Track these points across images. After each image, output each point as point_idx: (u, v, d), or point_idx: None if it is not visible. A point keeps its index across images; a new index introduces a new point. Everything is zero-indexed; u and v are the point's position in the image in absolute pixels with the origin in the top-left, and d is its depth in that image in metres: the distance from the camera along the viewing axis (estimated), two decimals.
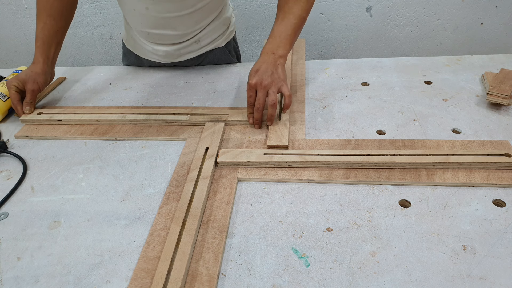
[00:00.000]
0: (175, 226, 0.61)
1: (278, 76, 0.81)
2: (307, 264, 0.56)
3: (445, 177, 0.67)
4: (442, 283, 0.52)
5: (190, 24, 0.99)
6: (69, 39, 1.94)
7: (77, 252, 0.61)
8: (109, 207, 0.69)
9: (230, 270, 0.56)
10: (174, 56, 1.06)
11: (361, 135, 0.80)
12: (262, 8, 1.77)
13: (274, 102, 0.80)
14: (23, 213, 0.69)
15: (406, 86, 0.95)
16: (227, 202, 0.66)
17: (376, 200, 0.65)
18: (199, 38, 1.03)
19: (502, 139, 0.75)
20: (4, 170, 0.79)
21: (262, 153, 0.74)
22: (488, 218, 0.61)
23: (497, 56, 1.04)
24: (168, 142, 0.83)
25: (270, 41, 0.85)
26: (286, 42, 0.85)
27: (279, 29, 0.85)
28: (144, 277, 0.56)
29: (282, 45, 0.84)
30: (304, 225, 0.62)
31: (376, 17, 1.78)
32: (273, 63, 0.82)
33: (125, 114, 0.89)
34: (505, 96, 0.83)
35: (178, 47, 1.04)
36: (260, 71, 0.81)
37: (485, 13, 1.76)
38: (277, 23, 0.86)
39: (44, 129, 0.89)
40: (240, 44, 1.91)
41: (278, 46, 0.84)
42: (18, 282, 0.57)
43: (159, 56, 1.06)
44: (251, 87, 0.81)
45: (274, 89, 0.80)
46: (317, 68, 1.06)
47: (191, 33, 1.01)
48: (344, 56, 1.91)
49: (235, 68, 1.10)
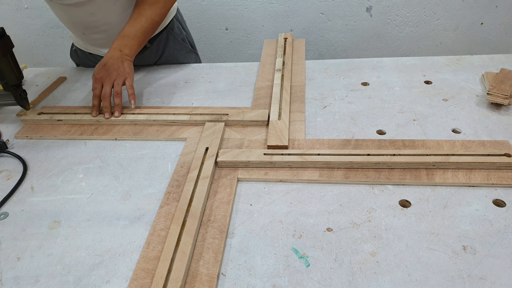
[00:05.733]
0: (175, 226, 0.61)
1: (123, 70, 0.89)
2: (307, 264, 0.56)
3: (445, 177, 0.67)
4: (442, 283, 0.52)
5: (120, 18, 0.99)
6: (69, 39, 1.94)
7: (77, 252, 0.61)
8: (109, 207, 0.69)
9: (230, 270, 0.56)
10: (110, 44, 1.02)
11: (361, 135, 0.80)
12: (262, 8, 1.77)
13: (118, 92, 0.88)
14: (23, 213, 0.69)
15: (406, 86, 0.95)
16: (227, 202, 0.66)
17: (376, 200, 0.65)
18: None
19: (502, 139, 0.75)
20: (4, 170, 0.79)
21: (262, 153, 0.74)
22: (488, 218, 0.61)
23: (497, 56, 1.04)
24: (168, 142, 0.83)
25: (119, 38, 0.92)
26: (133, 42, 0.92)
27: (129, 30, 0.92)
28: (144, 277, 0.56)
29: (129, 45, 0.91)
30: (304, 225, 0.62)
31: (376, 17, 1.78)
32: (119, 58, 0.89)
33: (125, 114, 0.89)
34: (505, 96, 0.83)
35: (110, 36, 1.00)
36: (106, 65, 0.88)
37: (485, 13, 1.76)
38: (129, 23, 0.92)
39: (44, 129, 0.89)
40: (240, 44, 1.92)
41: (125, 45, 0.91)
42: (18, 282, 0.57)
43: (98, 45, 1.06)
44: (96, 80, 0.88)
45: (119, 81, 0.88)
46: (317, 68, 1.06)
47: None
48: (344, 56, 1.91)
49: (235, 68, 1.10)
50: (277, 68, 1.01)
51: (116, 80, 0.87)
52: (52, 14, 1.82)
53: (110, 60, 0.89)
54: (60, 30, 1.91)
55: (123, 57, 0.90)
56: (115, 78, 0.88)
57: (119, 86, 0.88)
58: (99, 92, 0.88)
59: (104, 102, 0.88)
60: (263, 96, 0.94)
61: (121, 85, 0.88)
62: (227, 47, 1.92)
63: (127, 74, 0.89)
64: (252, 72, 1.07)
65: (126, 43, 0.91)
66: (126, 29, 0.92)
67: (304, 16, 1.79)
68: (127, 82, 0.89)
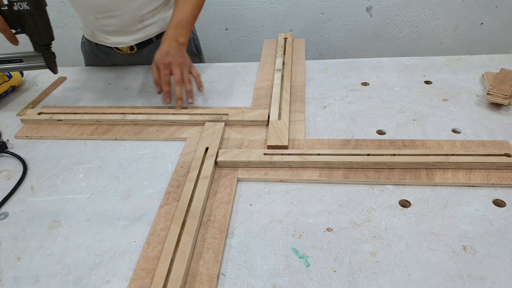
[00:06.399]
0: (175, 226, 0.61)
1: (186, 58, 0.92)
2: (307, 264, 0.56)
3: (445, 177, 0.67)
4: (442, 283, 0.52)
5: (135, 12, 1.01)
6: (69, 39, 1.94)
7: (77, 252, 0.61)
8: (109, 207, 0.69)
9: (230, 270, 0.56)
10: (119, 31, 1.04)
11: (361, 135, 0.80)
12: (262, 8, 1.77)
13: (189, 79, 0.90)
14: (23, 213, 0.69)
15: (406, 86, 0.95)
16: (227, 202, 0.66)
17: (376, 200, 0.65)
18: (142, 17, 1.03)
19: (502, 139, 0.75)
20: (4, 170, 0.79)
21: (262, 153, 0.74)
22: (488, 218, 0.61)
23: (497, 56, 1.04)
24: (168, 142, 0.83)
25: (172, 28, 0.93)
26: (186, 31, 0.94)
27: (180, 18, 0.93)
28: (144, 277, 0.56)
29: (183, 33, 0.93)
30: (304, 225, 0.62)
31: (376, 17, 1.78)
32: (178, 48, 0.91)
33: (125, 114, 0.89)
34: (505, 96, 0.83)
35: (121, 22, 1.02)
36: (170, 53, 0.89)
37: (485, 13, 1.76)
38: (178, 11, 0.94)
39: (44, 129, 0.89)
40: (240, 44, 1.92)
41: (180, 34, 0.92)
42: (18, 282, 0.57)
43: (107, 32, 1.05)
44: (165, 66, 0.89)
45: (186, 69, 0.90)
46: (317, 68, 1.06)
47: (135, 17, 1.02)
48: (344, 56, 1.91)
49: (235, 68, 1.10)
50: (277, 68, 1.01)
51: (184, 68, 0.90)
52: (53, 14, 1.83)
53: (170, 49, 0.90)
54: (60, 30, 1.91)
55: (181, 47, 0.92)
56: (183, 66, 0.90)
57: (188, 74, 0.90)
58: (169, 79, 0.90)
59: (178, 88, 0.89)
60: (263, 96, 0.94)
61: (188, 73, 0.91)
62: (227, 47, 1.92)
63: (191, 63, 0.92)
64: (252, 72, 1.07)
65: (181, 32, 0.92)
66: (176, 17, 0.93)
67: (304, 16, 1.79)
68: (193, 71, 0.92)
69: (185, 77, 0.90)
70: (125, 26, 1.03)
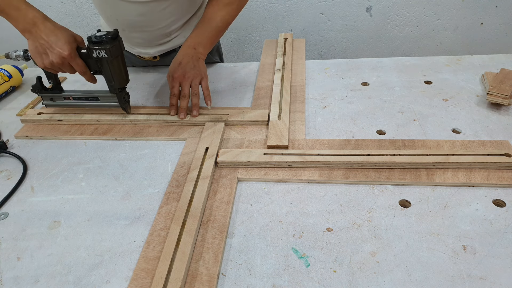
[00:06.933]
0: (175, 226, 0.61)
1: (199, 69, 0.87)
2: (307, 264, 0.56)
3: (445, 177, 0.67)
4: (442, 283, 0.52)
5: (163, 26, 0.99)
6: None
7: (77, 252, 0.61)
8: (109, 207, 0.69)
9: (230, 270, 0.56)
10: (146, 44, 1.04)
11: (361, 135, 0.80)
12: (262, 8, 1.77)
13: (197, 93, 0.87)
14: (23, 213, 0.69)
15: (406, 86, 0.95)
16: (227, 202, 0.66)
17: (376, 200, 0.65)
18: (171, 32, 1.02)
19: (502, 139, 0.75)
20: (4, 170, 0.79)
21: (262, 153, 0.73)
22: (488, 218, 0.61)
23: (497, 56, 1.04)
24: (168, 142, 0.83)
25: (193, 36, 0.90)
26: (207, 41, 0.90)
27: (204, 28, 0.90)
28: (144, 277, 0.56)
29: (204, 43, 0.90)
30: (304, 225, 0.62)
31: (376, 17, 1.78)
32: (194, 56, 0.87)
33: (125, 114, 0.89)
34: (505, 96, 0.83)
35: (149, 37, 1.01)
36: (182, 63, 0.86)
37: (485, 13, 1.76)
38: (203, 22, 0.90)
39: (44, 129, 0.89)
40: (240, 44, 1.92)
41: (200, 43, 0.89)
42: (18, 282, 0.57)
43: (133, 43, 1.05)
44: (174, 79, 0.86)
45: (196, 81, 0.86)
46: (317, 68, 1.06)
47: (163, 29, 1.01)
48: (344, 56, 1.91)
49: (235, 68, 1.10)
50: (277, 68, 1.01)
51: (194, 81, 0.86)
52: (53, 14, 1.83)
53: (185, 58, 0.87)
54: None
55: (198, 55, 0.88)
56: (193, 78, 0.86)
57: (197, 87, 0.87)
58: (178, 91, 0.87)
59: (183, 103, 0.87)
60: (263, 96, 0.94)
61: (198, 86, 0.87)
62: (227, 47, 1.92)
63: (203, 74, 0.88)
64: (252, 72, 1.07)
65: (201, 41, 0.89)
66: (200, 27, 0.90)
67: (304, 16, 1.79)
68: (203, 83, 0.87)
69: (192, 90, 0.87)
70: (153, 40, 1.02)
